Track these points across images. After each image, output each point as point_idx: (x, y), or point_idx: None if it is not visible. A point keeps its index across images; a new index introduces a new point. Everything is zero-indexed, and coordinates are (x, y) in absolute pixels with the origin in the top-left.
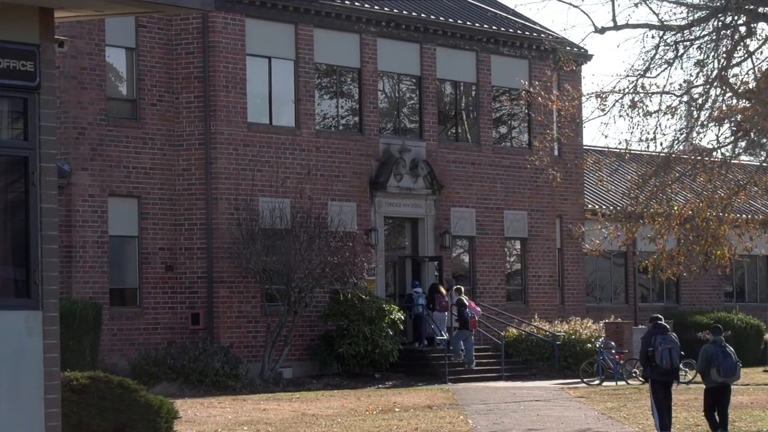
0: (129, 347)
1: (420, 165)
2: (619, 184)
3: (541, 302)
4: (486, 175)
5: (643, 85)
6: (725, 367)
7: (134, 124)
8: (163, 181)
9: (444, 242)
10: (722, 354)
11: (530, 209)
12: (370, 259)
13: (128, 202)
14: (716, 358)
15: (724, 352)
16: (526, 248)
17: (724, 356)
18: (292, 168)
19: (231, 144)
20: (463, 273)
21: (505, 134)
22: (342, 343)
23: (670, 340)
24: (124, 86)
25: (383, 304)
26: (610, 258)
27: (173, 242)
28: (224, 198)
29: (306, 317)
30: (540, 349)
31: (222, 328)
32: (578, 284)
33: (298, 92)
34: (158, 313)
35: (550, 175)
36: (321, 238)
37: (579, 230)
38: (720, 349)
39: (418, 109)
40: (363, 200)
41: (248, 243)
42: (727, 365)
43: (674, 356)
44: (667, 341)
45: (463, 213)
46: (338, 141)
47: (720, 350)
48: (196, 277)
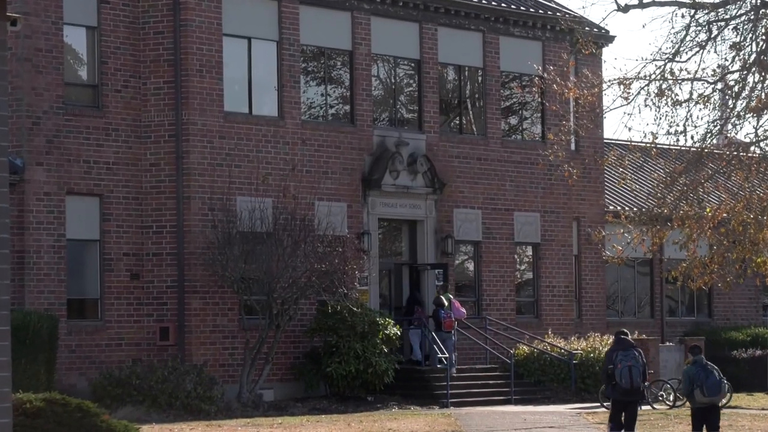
0: (89, 366)
1: (419, 160)
2: (644, 182)
3: (556, 316)
4: (494, 171)
5: (672, 70)
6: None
7: (96, 113)
8: (129, 177)
9: (446, 248)
10: (704, 373)
11: (543, 211)
12: (363, 266)
13: (88, 201)
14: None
15: (706, 370)
16: (538, 255)
17: (706, 375)
18: (274, 163)
19: (205, 136)
20: (467, 282)
21: (516, 126)
22: (330, 361)
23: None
24: (85, 70)
25: (377, 317)
26: (633, 266)
27: (139, 247)
28: (197, 197)
29: (290, 332)
30: (554, 369)
31: (194, 344)
32: (598, 296)
33: (281, 78)
34: (122, 327)
35: (566, 172)
36: (307, 242)
37: (599, 235)
38: (701, 368)
39: (417, 98)
40: (354, 200)
41: (224, 248)
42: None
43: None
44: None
45: (467, 215)
46: (327, 133)
47: (701, 369)
48: (165, 286)
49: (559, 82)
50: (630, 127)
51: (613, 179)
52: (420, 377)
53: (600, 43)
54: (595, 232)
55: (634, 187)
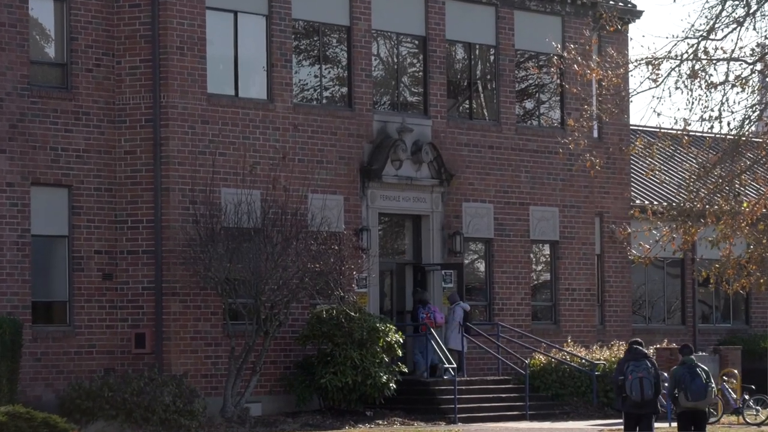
0: (56, 376)
1: (424, 148)
2: (674, 173)
3: (576, 322)
4: (507, 161)
5: (706, 49)
6: (693, 390)
7: (64, 94)
8: (101, 166)
9: (454, 246)
10: (690, 375)
11: (563, 205)
12: (361, 266)
13: (56, 193)
14: (683, 380)
15: (692, 373)
16: (557, 254)
17: (692, 378)
18: (263, 151)
19: (186, 121)
20: (478, 284)
21: (532, 110)
22: (325, 372)
23: (643, 368)
24: (52, 47)
25: (377, 323)
26: (662, 267)
27: (113, 244)
28: (177, 188)
29: (280, 339)
30: (574, 382)
31: (174, 352)
32: (622, 300)
33: (270, 56)
34: (93, 333)
35: (588, 162)
36: (299, 239)
37: (624, 231)
38: (688, 370)
39: (422, 79)
40: (352, 192)
41: (207, 245)
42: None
43: (646, 387)
44: (640, 369)
45: (478, 209)
46: (321, 118)
47: (688, 371)
48: (141, 287)
49: (580, 61)
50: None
51: (640, 170)
52: (425, 390)
53: (626, 18)
54: (619, 228)
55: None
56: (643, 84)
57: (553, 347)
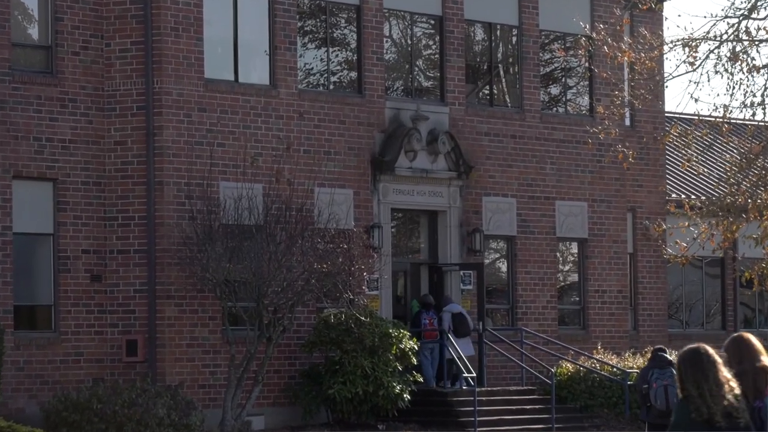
0: (41, 386)
1: (441, 138)
2: (714, 165)
3: (607, 327)
4: (531, 152)
5: (748, 29)
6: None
7: (49, 80)
8: (89, 158)
9: (473, 244)
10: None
11: (592, 199)
12: (372, 266)
13: (40, 187)
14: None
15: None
16: (585, 253)
17: None
18: (265, 141)
19: (182, 108)
20: (499, 286)
21: (558, 97)
22: (333, 381)
23: (668, 376)
24: (36, 28)
25: (390, 328)
26: (701, 267)
27: (102, 243)
28: (172, 182)
29: (284, 346)
30: (604, 392)
31: (168, 360)
32: (657, 303)
33: (273, 38)
34: (81, 339)
35: (620, 152)
36: (305, 237)
37: (659, 228)
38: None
39: (438, 62)
40: (362, 186)
41: (205, 244)
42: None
43: (671, 395)
44: (665, 377)
45: (499, 204)
46: (329, 105)
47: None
48: (132, 290)
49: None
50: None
51: (676, 161)
52: (442, 401)
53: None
54: (654, 225)
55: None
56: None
57: (582, 354)
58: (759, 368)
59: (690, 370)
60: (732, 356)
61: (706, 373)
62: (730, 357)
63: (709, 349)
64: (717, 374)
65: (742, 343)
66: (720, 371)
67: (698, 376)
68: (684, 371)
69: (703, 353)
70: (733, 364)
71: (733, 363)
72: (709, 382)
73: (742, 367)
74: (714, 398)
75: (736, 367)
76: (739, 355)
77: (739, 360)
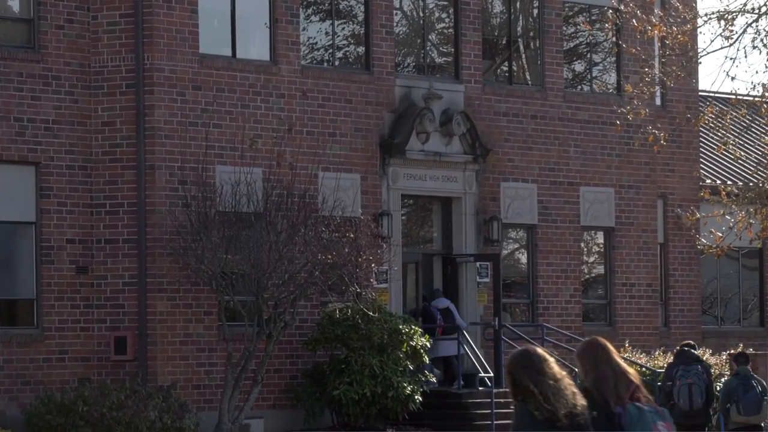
0: (22, 387)
1: (455, 119)
2: (752, 148)
3: (635, 323)
4: (553, 133)
5: None
6: (746, 404)
7: (31, 55)
8: (74, 140)
9: (490, 233)
10: (743, 387)
11: (619, 185)
12: (381, 257)
13: (21, 171)
14: (736, 392)
15: (746, 385)
16: (612, 243)
17: (746, 390)
18: (265, 122)
19: (175, 86)
20: (518, 279)
21: (583, 74)
22: (338, 382)
23: (693, 374)
24: (17, 0)
25: (400, 324)
26: (737, 258)
27: (88, 232)
28: (164, 166)
29: (285, 343)
30: None
31: (160, 359)
32: (690, 297)
33: (274, 11)
34: (65, 336)
35: (650, 135)
36: (308, 226)
37: (692, 217)
38: (742, 381)
39: (452, 37)
40: (371, 170)
41: (200, 233)
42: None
43: (695, 394)
44: (690, 374)
45: (519, 190)
46: (334, 83)
47: (741, 383)
48: (122, 283)
49: (639, 16)
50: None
51: (710, 144)
52: (456, 403)
53: None
54: (687, 213)
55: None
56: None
57: None
58: (620, 373)
59: (524, 372)
60: (587, 361)
61: (541, 371)
62: (584, 362)
63: (537, 349)
64: (552, 370)
65: (597, 347)
66: (554, 367)
67: (534, 375)
68: (517, 374)
69: (533, 353)
70: (589, 369)
71: (588, 368)
72: (547, 379)
73: (601, 372)
74: (555, 395)
75: (593, 372)
76: (595, 360)
77: (595, 365)
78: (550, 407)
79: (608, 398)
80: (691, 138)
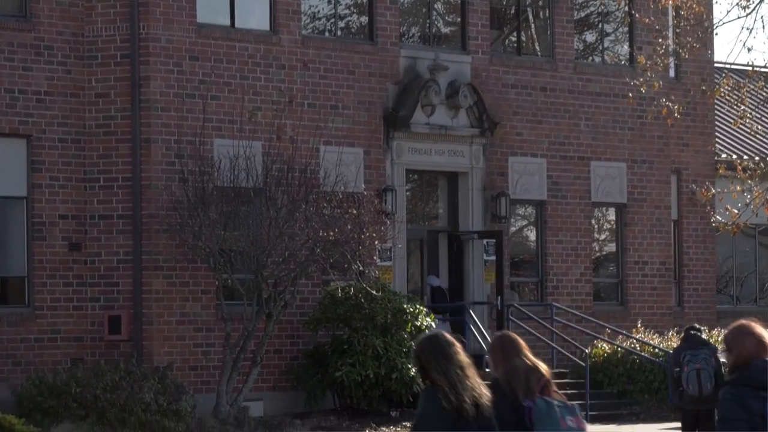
0: (12, 368)
1: (462, 91)
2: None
3: (648, 303)
4: (564, 106)
5: None
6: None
7: (22, 24)
8: (67, 112)
9: (498, 210)
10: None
11: (631, 160)
12: (385, 234)
13: (12, 144)
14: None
15: None
16: (624, 220)
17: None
18: (265, 94)
19: (171, 56)
20: (527, 257)
21: (594, 45)
22: (341, 363)
23: (701, 358)
24: None
25: (404, 303)
26: (754, 235)
27: (81, 207)
28: (160, 140)
29: (285, 323)
30: (645, 376)
31: (156, 339)
32: (705, 276)
33: None
34: (58, 315)
35: (664, 108)
36: (309, 202)
37: (707, 193)
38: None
39: (459, 6)
40: (374, 144)
41: (197, 209)
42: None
43: (703, 379)
44: (698, 359)
45: (527, 165)
46: (336, 53)
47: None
48: (116, 260)
49: None
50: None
51: (726, 118)
52: None
53: None
54: (702, 189)
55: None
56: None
57: (620, 333)
58: (531, 367)
59: (432, 357)
60: (499, 354)
61: (449, 358)
62: (496, 355)
63: (445, 334)
64: (459, 357)
65: (509, 341)
66: (460, 354)
67: (442, 362)
68: (425, 360)
69: (441, 338)
70: (500, 362)
71: (499, 361)
72: (453, 366)
73: (512, 364)
74: (461, 384)
75: (503, 365)
76: (504, 353)
77: (505, 357)
78: (457, 396)
79: (518, 391)
80: (706, 111)
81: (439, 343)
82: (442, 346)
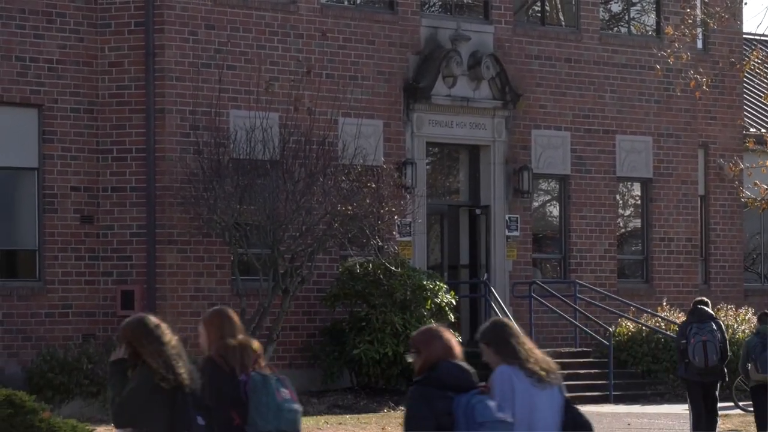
0: (23, 343)
1: (484, 62)
2: None
3: (673, 280)
4: (588, 78)
5: None
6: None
7: None
8: (79, 81)
9: (521, 184)
10: (762, 346)
11: (658, 134)
12: (404, 209)
13: (23, 114)
14: (755, 350)
15: (765, 343)
16: (650, 195)
17: (764, 348)
18: (282, 64)
19: (186, 25)
20: (550, 233)
21: (620, 15)
22: (359, 340)
23: (707, 331)
24: None
25: (424, 280)
26: None
27: (93, 179)
28: (175, 110)
29: (302, 299)
30: (670, 355)
31: (170, 314)
32: (732, 253)
33: None
34: (69, 290)
35: (692, 80)
36: (327, 175)
37: (735, 168)
38: (761, 340)
39: None
40: (394, 117)
41: (212, 182)
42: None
43: (710, 351)
44: (704, 332)
45: (551, 138)
46: (356, 23)
47: (761, 341)
48: (129, 234)
49: None
50: None
51: (756, 91)
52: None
53: None
54: (730, 164)
55: None
56: None
57: (645, 312)
58: (244, 344)
59: (146, 341)
60: (213, 331)
61: (161, 340)
62: (210, 332)
63: (150, 317)
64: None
65: (224, 317)
66: (168, 334)
67: (156, 344)
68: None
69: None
70: (215, 339)
71: (214, 338)
72: (168, 347)
73: (227, 341)
74: (177, 362)
75: (217, 342)
76: (222, 331)
77: (221, 335)
78: (175, 375)
79: (234, 367)
80: (734, 84)
81: (147, 325)
82: (152, 328)
